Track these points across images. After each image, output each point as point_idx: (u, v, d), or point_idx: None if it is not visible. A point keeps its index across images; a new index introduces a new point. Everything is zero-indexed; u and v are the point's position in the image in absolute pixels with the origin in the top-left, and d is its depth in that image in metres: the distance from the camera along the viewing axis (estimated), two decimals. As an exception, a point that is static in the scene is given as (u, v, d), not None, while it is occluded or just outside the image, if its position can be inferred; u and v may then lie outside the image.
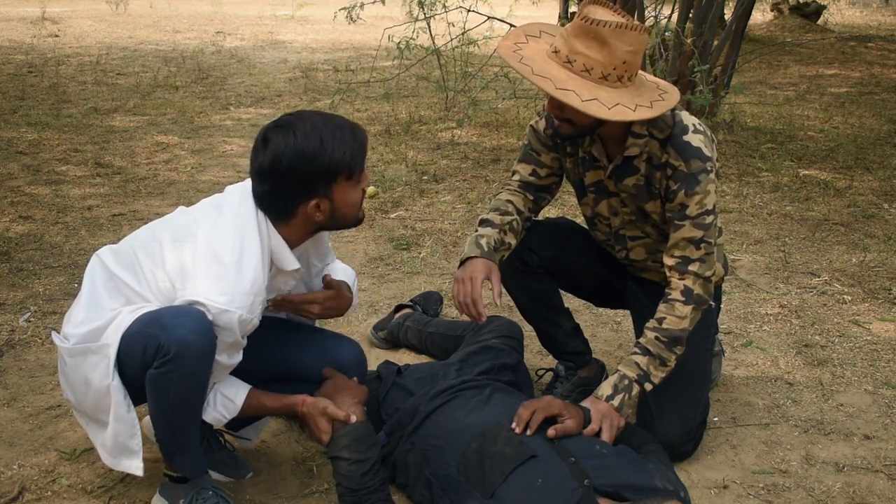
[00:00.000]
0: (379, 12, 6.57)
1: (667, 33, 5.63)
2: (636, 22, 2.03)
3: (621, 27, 1.99)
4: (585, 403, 2.17)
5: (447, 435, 2.09)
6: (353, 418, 2.04)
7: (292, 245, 2.02)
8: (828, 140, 6.05)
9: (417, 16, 6.29)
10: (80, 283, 2.03)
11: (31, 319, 3.13)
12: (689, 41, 5.32)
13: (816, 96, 7.76)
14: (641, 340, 2.23)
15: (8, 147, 5.43)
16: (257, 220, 1.96)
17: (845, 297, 3.47)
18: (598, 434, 2.12)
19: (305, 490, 2.24)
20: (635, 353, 2.23)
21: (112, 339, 1.89)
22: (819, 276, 3.66)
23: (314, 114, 1.98)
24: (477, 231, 2.34)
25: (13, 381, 2.72)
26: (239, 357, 1.98)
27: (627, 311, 3.05)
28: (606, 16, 2.03)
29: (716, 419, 2.58)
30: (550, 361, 2.79)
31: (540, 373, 2.72)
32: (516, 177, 2.48)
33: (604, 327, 3.20)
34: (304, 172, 1.91)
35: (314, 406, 2.05)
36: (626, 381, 2.19)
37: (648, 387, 2.22)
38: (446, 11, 6.30)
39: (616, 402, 2.17)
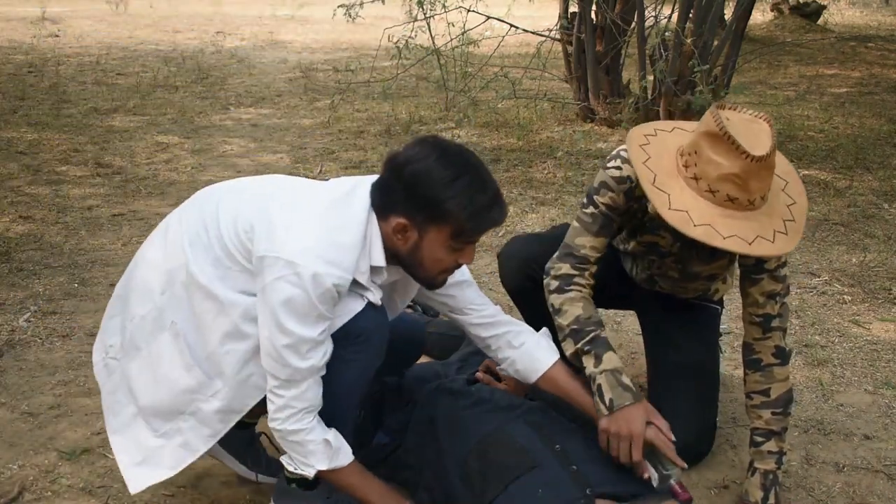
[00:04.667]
0: (379, 12, 6.55)
1: (667, 33, 5.63)
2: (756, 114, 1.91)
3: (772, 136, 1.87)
4: None
5: (449, 439, 2.08)
6: None
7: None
8: (828, 140, 6.05)
9: (417, 16, 6.28)
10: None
11: (31, 319, 3.13)
12: (689, 41, 5.31)
13: (816, 96, 7.75)
14: (759, 424, 2.12)
15: (8, 147, 5.43)
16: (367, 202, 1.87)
17: (845, 297, 3.47)
18: None
19: (305, 490, 2.24)
20: (761, 441, 2.12)
21: None
22: (819, 276, 3.66)
23: (481, 164, 1.86)
24: (600, 364, 2.10)
25: (13, 381, 2.72)
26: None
27: (628, 312, 3.06)
28: (761, 129, 1.87)
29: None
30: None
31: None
32: (594, 254, 2.18)
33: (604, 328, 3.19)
34: (416, 189, 1.81)
35: None
36: (771, 476, 2.11)
37: (784, 465, 2.15)
38: (446, 11, 6.28)
39: (772, 499, 2.09)
